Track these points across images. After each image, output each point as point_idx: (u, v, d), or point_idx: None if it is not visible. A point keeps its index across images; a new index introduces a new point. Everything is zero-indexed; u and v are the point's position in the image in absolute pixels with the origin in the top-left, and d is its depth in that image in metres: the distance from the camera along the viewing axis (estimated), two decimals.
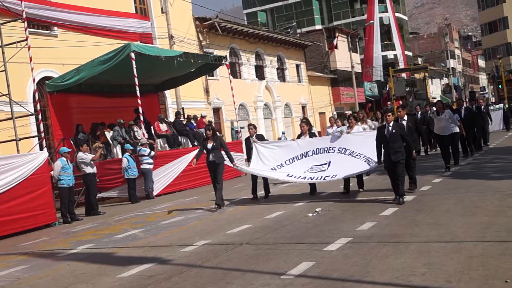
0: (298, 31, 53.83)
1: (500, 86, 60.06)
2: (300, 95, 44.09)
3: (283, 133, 34.30)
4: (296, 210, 11.59)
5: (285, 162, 13.71)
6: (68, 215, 14.98)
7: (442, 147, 15.88)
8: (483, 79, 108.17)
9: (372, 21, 55.83)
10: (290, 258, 7.36)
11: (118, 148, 19.32)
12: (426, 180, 13.53)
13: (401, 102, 46.57)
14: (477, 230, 7.72)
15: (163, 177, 18.89)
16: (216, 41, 33.65)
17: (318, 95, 46.15)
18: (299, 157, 13.59)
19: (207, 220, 11.86)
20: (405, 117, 12.93)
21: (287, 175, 13.46)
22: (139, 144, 18.75)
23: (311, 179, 13.10)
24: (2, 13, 16.64)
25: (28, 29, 16.28)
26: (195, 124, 23.76)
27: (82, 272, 8.14)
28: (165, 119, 23.04)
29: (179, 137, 21.58)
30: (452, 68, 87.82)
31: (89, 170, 15.92)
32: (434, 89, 76.82)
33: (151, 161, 18.19)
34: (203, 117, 25.10)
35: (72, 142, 18.85)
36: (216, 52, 29.97)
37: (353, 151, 12.85)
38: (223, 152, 13.36)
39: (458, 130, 16.17)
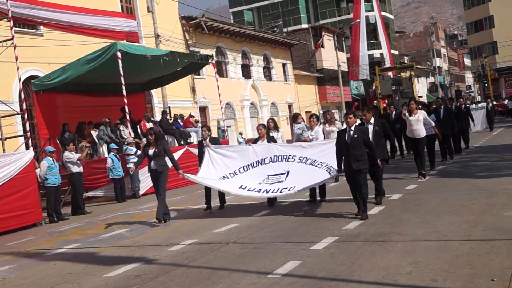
0: (284, 30, 53.89)
1: (486, 85, 60.58)
2: (287, 94, 44.16)
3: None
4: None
5: (239, 169, 12.28)
6: (54, 214, 14.90)
7: (414, 152, 14.15)
8: (469, 77, 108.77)
9: (358, 20, 56.05)
10: (276, 257, 7.38)
11: (104, 147, 19.25)
12: (412, 179, 13.58)
13: (387, 101, 46.84)
14: (463, 229, 7.78)
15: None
16: (202, 40, 33.63)
17: (304, 94, 46.23)
18: (255, 165, 12.18)
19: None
20: (372, 120, 11.43)
21: (240, 187, 11.83)
22: (126, 143, 18.69)
23: (267, 192, 11.56)
24: None
25: (14, 28, 16.22)
26: (181, 123, 23.72)
27: (69, 272, 8.12)
28: (152, 118, 22.98)
29: (166, 136, 21.51)
30: (438, 66, 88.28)
31: (75, 169, 15.85)
32: (420, 87, 77.21)
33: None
34: (191, 116, 25.06)
35: (58, 141, 18.75)
36: (202, 51, 29.94)
37: (314, 160, 11.56)
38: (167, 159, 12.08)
39: (434, 132, 14.84)
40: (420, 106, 16.71)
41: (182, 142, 21.36)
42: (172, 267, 7.58)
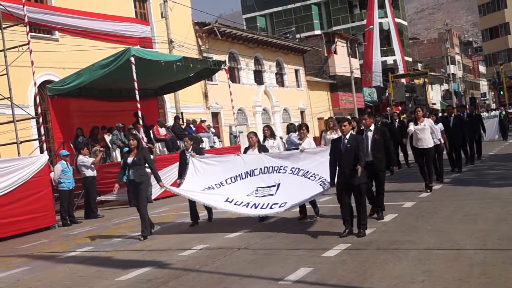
0: (297, 36, 53.91)
1: (501, 92, 60.16)
2: (299, 100, 44.15)
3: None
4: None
5: (225, 180, 11.32)
6: (67, 218, 15.01)
7: (421, 163, 13.17)
8: (483, 85, 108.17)
9: (371, 27, 55.95)
10: (288, 264, 7.37)
11: (117, 151, 19.33)
12: (426, 185, 13.41)
13: (400, 108, 46.70)
14: (477, 238, 7.71)
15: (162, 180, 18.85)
16: (215, 46, 33.71)
17: (316, 100, 46.19)
18: (243, 176, 11.24)
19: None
20: (372, 127, 10.48)
21: (226, 200, 10.86)
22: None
23: (255, 207, 10.52)
24: (5, 17, 16.65)
25: (30, 33, 16.33)
26: (194, 129, 23.79)
27: (81, 275, 8.17)
28: (164, 123, 23.06)
29: (178, 141, 21.57)
30: (452, 74, 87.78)
31: (89, 173, 15.98)
32: (434, 95, 76.91)
33: None
34: (202, 121, 25.11)
35: (72, 145, 18.87)
36: (215, 57, 30.03)
37: (307, 171, 10.64)
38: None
39: (442, 142, 14.40)
40: (428, 113, 16.33)
41: None
42: (183, 271, 7.60)
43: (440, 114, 18.80)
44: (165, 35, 28.92)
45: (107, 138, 19.68)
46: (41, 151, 16.08)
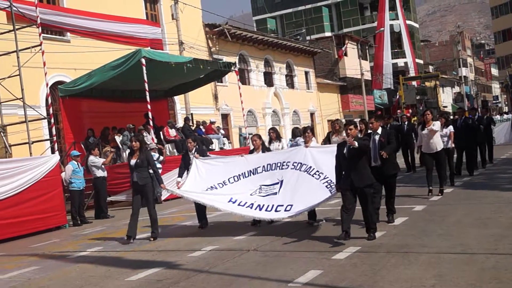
0: (308, 38, 53.87)
1: None
2: (309, 102, 44.11)
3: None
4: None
5: (228, 179, 11.20)
6: (78, 217, 15.08)
7: (429, 167, 12.95)
8: (496, 88, 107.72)
9: (382, 29, 55.79)
10: (297, 266, 7.37)
11: (128, 152, 19.38)
12: (436, 190, 13.32)
13: (411, 111, 46.57)
14: (489, 242, 7.67)
15: (171, 182, 18.88)
16: (226, 48, 33.75)
17: (327, 102, 46.15)
18: (246, 174, 11.11)
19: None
20: (379, 130, 10.26)
21: (229, 201, 10.70)
22: (148, 149, 18.79)
23: (260, 209, 10.31)
24: (18, 19, 16.76)
25: (42, 35, 16.43)
26: (203, 130, 23.83)
27: (91, 275, 8.21)
28: (174, 124, 23.11)
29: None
30: (464, 76, 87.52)
31: (100, 173, 16.06)
32: (446, 97, 76.60)
33: (159, 166, 18.20)
34: (212, 123, 25.15)
35: (82, 146, 18.96)
36: (225, 59, 30.05)
37: (309, 167, 10.35)
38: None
39: (450, 146, 14.30)
40: (438, 115, 16.17)
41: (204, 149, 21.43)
42: (193, 272, 7.62)
43: (451, 117, 18.52)
44: (176, 37, 29.02)
45: (118, 139, 19.74)
46: (53, 151, 16.14)
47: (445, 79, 75.63)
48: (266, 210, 10.24)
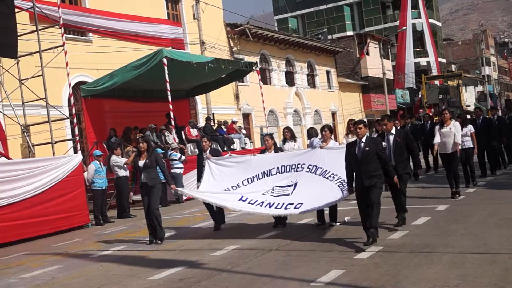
0: (329, 37, 53.69)
1: None
2: (330, 102, 43.98)
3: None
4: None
5: (242, 182, 11.03)
6: (100, 217, 15.19)
7: (447, 167, 12.61)
8: None
9: (404, 28, 55.39)
10: (319, 266, 7.35)
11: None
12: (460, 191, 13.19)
13: (433, 110, 46.18)
14: None
15: (192, 182, 18.95)
16: (247, 47, 33.77)
17: (348, 101, 45.96)
18: (260, 176, 10.93)
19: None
20: (393, 130, 10.12)
21: (240, 199, 10.56)
22: (170, 148, 18.90)
23: (270, 207, 10.18)
24: (41, 19, 16.95)
25: (65, 35, 16.60)
26: (225, 130, 23.87)
27: (114, 274, 8.26)
28: (196, 124, 23.18)
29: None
30: (487, 75, 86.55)
31: (122, 173, 16.14)
32: (468, 96, 75.87)
33: (181, 165, 18.29)
34: (233, 122, 25.18)
35: (105, 145, 19.08)
36: (247, 58, 30.06)
37: (325, 171, 10.19)
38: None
39: (471, 145, 13.99)
40: (456, 114, 15.94)
41: (225, 148, 21.47)
42: (215, 271, 7.63)
43: (468, 117, 18.12)
44: (197, 37, 29.11)
45: None
46: (75, 151, 16.34)
47: (468, 78, 74.92)
48: (276, 207, 10.13)
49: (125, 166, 16.17)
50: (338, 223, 10.47)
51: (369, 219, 8.30)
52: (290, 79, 39.15)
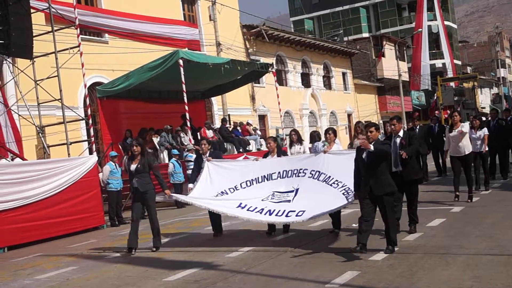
0: (345, 39, 53.56)
1: None
2: (346, 103, 43.88)
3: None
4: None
5: (240, 184, 10.57)
6: (115, 218, 15.23)
7: (456, 171, 12.39)
8: None
9: (420, 29, 55.11)
10: (334, 267, 7.34)
11: (165, 153, 19.56)
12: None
13: (448, 112, 45.87)
14: None
15: None
16: (263, 49, 33.78)
17: (364, 103, 45.85)
18: (260, 180, 10.50)
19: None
20: (401, 133, 9.51)
21: (239, 206, 10.00)
22: (186, 150, 18.93)
23: (270, 214, 9.64)
24: (56, 20, 17.05)
25: (80, 36, 16.68)
26: (240, 131, 23.90)
27: (129, 275, 8.29)
28: (212, 125, 23.21)
29: (225, 144, 21.70)
30: (503, 77, 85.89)
31: None
32: (484, 98, 75.38)
33: None
34: (248, 124, 25.19)
35: (120, 146, 19.15)
36: (263, 60, 30.10)
37: (329, 177, 9.74)
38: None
39: (486, 148, 13.70)
40: (471, 116, 15.68)
41: (241, 150, 21.50)
42: (230, 273, 7.64)
43: (484, 119, 17.67)
44: (213, 38, 29.14)
45: (155, 140, 19.91)
46: (90, 152, 16.38)
47: (483, 80, 74.40)
48: (276, 215, 9.62)
49: None
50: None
51: (366, 234, 7.88)
52: (306, 81, 39.12)
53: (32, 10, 16.19)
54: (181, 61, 17.81)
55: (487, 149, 13.84)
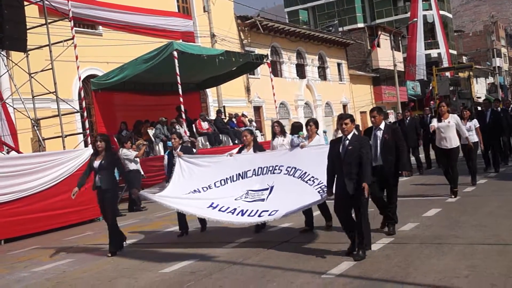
0: (340, 29, 53.47)
1: None
2: (341, 94, 43.86)
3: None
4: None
5: (214, 183, 10.06)
6: None
7: (445, 165, 11.87)
8: None
9: (415, 19, 55.08)
10: (330, 258, 7.37)
11: (160, 145, 19.52)
12: (469, 181, 13.18)
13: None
14: None
15: None
16: (258, 40, 33.71)
17: (359, 94, 45.82)
18: (235, 178, 10.00)
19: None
20: (382, 125, 8.85)
21: (210, 206, 9.47)
22: (183, 141, 18.87)
23: (242, 215, 9.12)
24: (50, 12, 16.97)
25: (74, 28, 16.58)
26: (236, 123, 23.88)
27: (125, 267, 8.29)
28: (207, 117, 23.18)
29: (220, 135, 21.68)
30: (498, 67, 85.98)
31: (132, 166, 16.12)
32: (479, 88, 75.47)
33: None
34: (243, 116, 25.16)
35: (115, 139, 19.09)
36: (257, 51, 30.00)
37: (304, 173, 9.25)
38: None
39: (476, 140, 13.30)
40: (461, 106, 15.41)
41: (236, 141, 21.48)
42: (226, 264, 7.65)
43: (479, 108, 17.15)
44: (208, 29, 29.08)
45: (150, 132, 19.87)
46: (85, 145, 16.34)
47: (478, 69, 74.45)
48: (248, 215, 9.10)
49: (135, 159, 16.19)
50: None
51: (349, 227, 7.51)
52: (301, 72, 39.08)
53: (25, 3, 16.10)
54: (175, 53, 17.75)
55: (475, 141, 13.31)
